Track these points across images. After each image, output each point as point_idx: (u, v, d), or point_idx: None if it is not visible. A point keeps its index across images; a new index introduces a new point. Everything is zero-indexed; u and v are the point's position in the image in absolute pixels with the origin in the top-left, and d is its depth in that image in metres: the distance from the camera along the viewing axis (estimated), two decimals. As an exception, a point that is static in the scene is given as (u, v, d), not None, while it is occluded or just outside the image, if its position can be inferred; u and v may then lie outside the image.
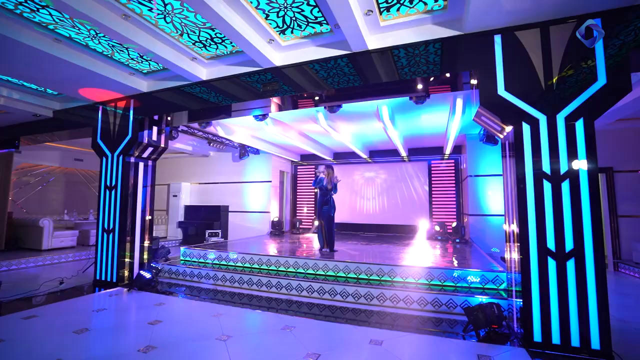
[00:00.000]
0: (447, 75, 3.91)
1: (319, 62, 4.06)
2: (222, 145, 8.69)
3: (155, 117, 5.60)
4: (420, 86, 4.17)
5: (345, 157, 10.94)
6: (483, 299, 3.95)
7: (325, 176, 6.30)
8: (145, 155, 5.59)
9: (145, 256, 5.55)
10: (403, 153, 9.71)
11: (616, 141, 7.16)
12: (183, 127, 7.45)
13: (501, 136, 3.73)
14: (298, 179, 11.87)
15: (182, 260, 6.25)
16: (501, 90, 3.31)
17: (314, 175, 11.59)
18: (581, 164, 3.00)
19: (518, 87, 3.25)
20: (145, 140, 5.43)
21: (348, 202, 11.00)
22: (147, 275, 5.04)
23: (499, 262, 5.07)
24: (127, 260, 5.28)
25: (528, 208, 3.13)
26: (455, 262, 5.26)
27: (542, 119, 3.14)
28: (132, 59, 4.51)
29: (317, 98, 4.60)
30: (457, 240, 7.76)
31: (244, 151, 9.67)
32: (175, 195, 10.89)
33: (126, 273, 5.26)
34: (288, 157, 10.86)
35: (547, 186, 3.08)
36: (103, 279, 5.21)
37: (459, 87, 4.01)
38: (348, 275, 5.01)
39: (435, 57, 3.73)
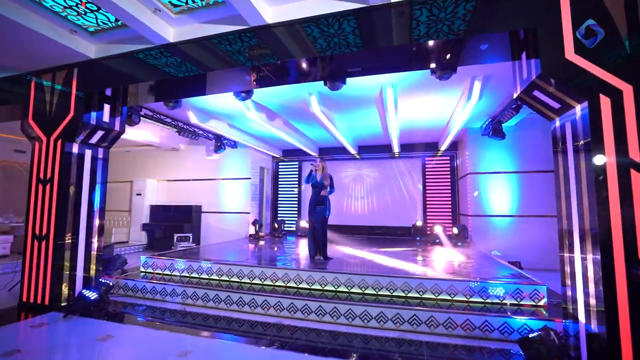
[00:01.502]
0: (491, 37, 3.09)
1: (319, 20, 3.12)
2: (194, 137, 7.52)
3: (108, 93, 4.42)
4: (448, 56, 3.35)
5: (331, 152, 10.05)
6: (523, 319, 3.19)
7: (319, 171, 5.36)
8: (93, 141, 4.39)
9: (93, 269, 4.36)
10: (396, 148, 8.97)
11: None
12: (147, 111, 6.24)
13: (555, 117, 2.97)
14: (280, 176, 10.84)
15: (142, 272, 5.07)
16: (570, 54, 2.54)
17: (298, 172, 10.61)
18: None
19: (594, 50, 2.49)
20: (93, 122, 4.24)
21: (334, 202, 10.07)
22: (93, 295, 3.87)
23: (514, 269, 4.38)
24: (66, 274, 4.07)
25: (611, 207, 2.37)
26: (473, 272, 4.50)
27: (628, 91, 2.39)
28: (70, 7, 3.35)
29: (317, 69, 3.65)
30: (459, 244, 7.09)
31: (219, 144, 8.52)
32: (139, 194, 9.52)
33: (65, 292, 4.05)
34: (269, 152, 9.81)
35: (636, 179, 2.33)
36: (31, 301, 3.97)
37: (508, 54, 3.19)
38: (351, 291, 4.10)
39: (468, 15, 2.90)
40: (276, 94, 5.52)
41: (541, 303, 3.57)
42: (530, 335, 2.61)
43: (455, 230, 6.97)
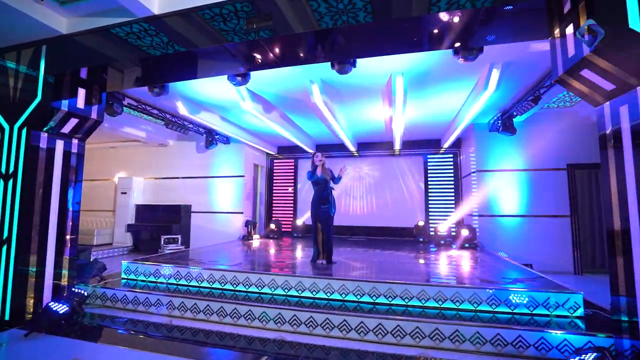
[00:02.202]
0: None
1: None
2: (183, 130, 6.97)
3: (83, 76, 3.87)
4: (475, 32, 2.92)
5: (328, 149, 9.57)
6: (562, 334, 2.78)
7: (320, 166, 4.90)
8: (65, 130, 3.83)
9: (65, 276, 3.80)
10: (397, 145, 8.57)
11: None
12: (131, 101, 5.68)
13: (604, 101, 2.57)
14: (275, 174, 10.33)
15: (124, 279, 4.53)
16: (635, 23, 2.13)
17: (294, 170, 10.12)
18: None
19: (665, 17, 2.08)
20: (66, 108, 3.68)
21: (333, 201, 9.64)
22: (63, 307, 3.33)
23: (539, 275, 3.99)
24: (31, 282, 3.52)
25: (690, 206, 1.96)
26: (494, 278, 4.10)
27: None
28: (32, -34, 2.81)
29: (325, 48, 3.18)
30: (467, 246, 6.71)
31: (211, 139, 7.98)
32: (125, 192, 8.90)
33: (30, 305, 3.49)
34: (263, 149, 9.30)
35: None
36: (-10, 315, 3.40)
37: (546, 28, 2.76)
38: (360, 300, 3.64)
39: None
40: (275, 82, 5.04)
41: (577, 314, 3.17)
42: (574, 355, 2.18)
43: (465, 232, 6.58)
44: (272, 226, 8.53)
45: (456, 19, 2.83)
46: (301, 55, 3.29)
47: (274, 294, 3.89)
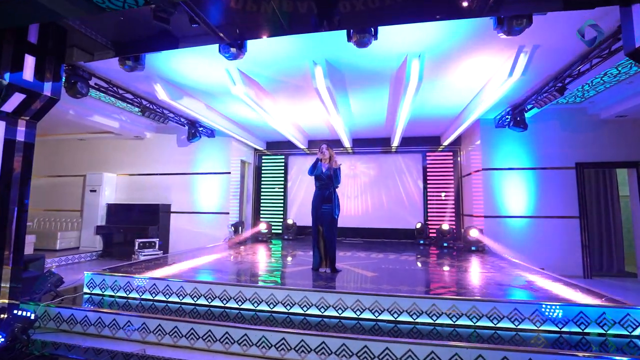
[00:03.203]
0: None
1: None
2: (162, 119, 6.16)
3: (33, 39, 3.06)
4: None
5: (320, 145, 8.94)
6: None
7: (325, 160, 4.27)
8: (8, 108, 3.02)
9: (5, 294, 2.99)
10: (396, 142, 8.07)
11: (649, 131, 6.23)
12: (100, 81, 4.84)
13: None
14: (263, 171, 9.60)
15: (87, 294, 3.73)
16: None
17: (284, 167, 9.43)
18: None
19: None
20: (6, 79, 2.88)
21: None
22: (-1, 337, 2.54)
23: (578, 284, 3.54)
24: (-40, 306, 2.70)
25: None
26: (525, 289, 3.60)
27: None
28: None
29: (345, 5, 2.55)
30: (474, 249, 6.26)
31: (194, 131, 7.19)
32: (94, 190, 7.95)
33: (-46, 334, 2.67)
34: (251, 144, 8.57)
35: None
36: None
37: None
38: (379, 318, 3.04)
39: None
40: (271, 63, 4.37)
41: (637, 332, 2.70)
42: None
43: (474, 233, 6.13)
44: (262, 227, 7.82)
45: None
46: (313, 18, 2.64)
47: (273, 312, 3.23)
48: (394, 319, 3.02)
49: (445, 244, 6.88)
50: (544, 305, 2.83)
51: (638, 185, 6.18)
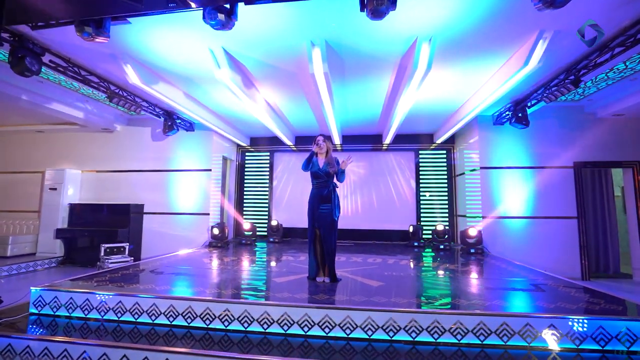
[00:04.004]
0: None
1: None
2: (134, 108, 5.43)
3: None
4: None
5: (307, 142, 8.46)
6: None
7: (322, 154, 3.77)
8: None
9: None
10: (388, 139, 7.69)
11: (647, 130, 6.16)
12: (56, 58, 4.10)
13: None
14: (246, 170, 8.96)
15: (33, 315, 3.03)
16: None
17: (269, 165, 8.84)
18: None
19: None
20: None
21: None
22: None
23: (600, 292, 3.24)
24: None
25: None
26: (541, 299, 3.25)
27: None
28: None
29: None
30: (472, 251, 5.95)
31: (170, 123, 6.49)
32: (55, 188, 7.05)
33: None
34: (234, 139, 7.93)
35: None
36: None
37: None
38: (394, 339, 2.58)
39: None
40: (263, 42, 3.81)
41: (686, 351, 2.38)
42: None
43: (472, 232, 5.81)
44: (246, 228, 7.19)
45: None
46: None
47: (268, 333, 2.69)
48: (412, 339, 2.56)
49: (441, 246, 6.55)
50: (555, 320, 2.46)
51: (634, 185, 6.09)
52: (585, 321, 2.46)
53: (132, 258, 5.84)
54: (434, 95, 5.43)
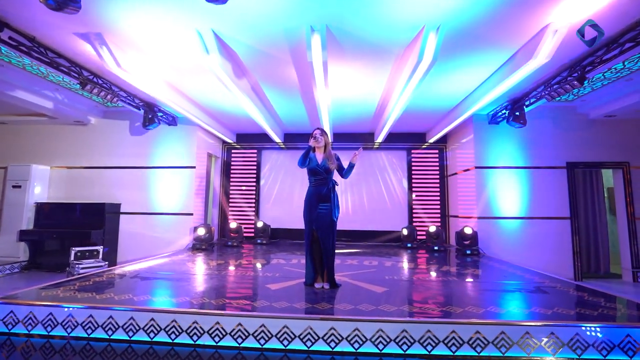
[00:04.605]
0: None
1: None
2: (111, 97, 4.94)
3: None
4: None
5: (296, 140, 8.16)
6: None
7: (320, 149, 3.48)
8: None
9: None
10: (380, 138, 7.50)
11: (636, 132, 6.21)
12: (17, 35, 3.60)
13: None
14: (233, 167, 8.53)
15: (-15, 332, 2.57)
16: None
17: (256, 163, 8.44)
18: None
19: None
20: None
21: (297, 201, 8.20)
22: None
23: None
24: None
25: None
26: (558, 304, 3.08)
27: None
28: None
29: None
30: (468, 252, 5.81)
31: (151, 116, 6.01)
32: (18, 186, 6.41)
33: None
34: (220, 135, 7.51)
35: None
36: None
37: None
38: (407, 353, 2.31)
39: None
40: (259, 24, 3.46)
41: None
42: None
43: (468, 231, 5.66)
44: (232, 230, 6.78)
45: None
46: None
47: (265, 349, 2.36)
48: (427, 353, 2.30)
49: (435, 247, 6.38)
50: (557, 328, 2.27)
51: (624, 186, 6.13)
52: (589, 329, 2.27)
53: (107, 263, 5.33)
54: (432, 91, 5.24)
